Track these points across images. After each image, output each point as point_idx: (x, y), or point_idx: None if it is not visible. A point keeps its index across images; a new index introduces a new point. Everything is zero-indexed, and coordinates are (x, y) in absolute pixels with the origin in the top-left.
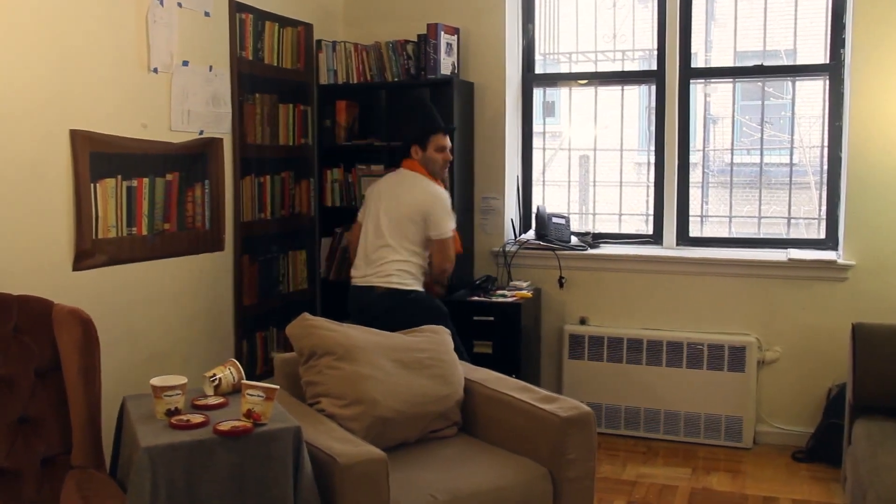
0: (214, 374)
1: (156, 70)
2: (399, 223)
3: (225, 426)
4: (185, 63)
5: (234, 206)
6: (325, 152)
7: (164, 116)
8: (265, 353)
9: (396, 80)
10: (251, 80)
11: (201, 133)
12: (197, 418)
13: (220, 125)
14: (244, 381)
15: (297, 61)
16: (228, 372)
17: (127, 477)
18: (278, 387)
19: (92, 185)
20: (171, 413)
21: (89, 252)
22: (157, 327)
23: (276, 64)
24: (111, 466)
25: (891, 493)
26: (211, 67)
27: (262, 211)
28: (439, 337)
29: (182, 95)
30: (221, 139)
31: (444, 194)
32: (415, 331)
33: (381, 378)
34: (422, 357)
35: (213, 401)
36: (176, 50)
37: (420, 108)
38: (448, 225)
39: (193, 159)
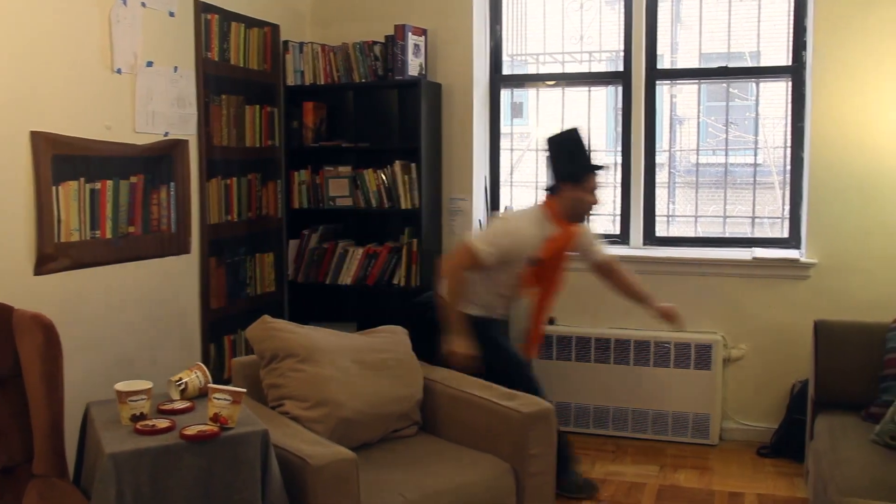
0: (181, 379)
1: (119, 71)
2: None
3: (191, 430)
4: (150, 64)
5: (200, 209)
6: (292, 154)
7: (129, 118)
8: (233, 356)
9: (364, 81)
10: (217, 81)
11: (166, 135)
12: (163, 423)
13: (185, 127)
14: (211, 385)
15: (263, 62)
16: (195, 376)
17: (91, 485)
18: (245, 390)
19: (54, 187)
20: (136, 418)
21: (51, 256)
22: (122, 332)
23: (242, 65)
24: (74, 475)
25: (851, 485)
26: (176, 68)
27: (228, 213)
28: (398, 337)
29: (147, 96)
30: (187, 141)
31: (513, 224)
32: (374, 331)
33: (344, 379)
34: (383, 357)
35: (179, 405)
36: (140, 50)
37: (577, 143)
38: (476, 237)
39: (158, 161)
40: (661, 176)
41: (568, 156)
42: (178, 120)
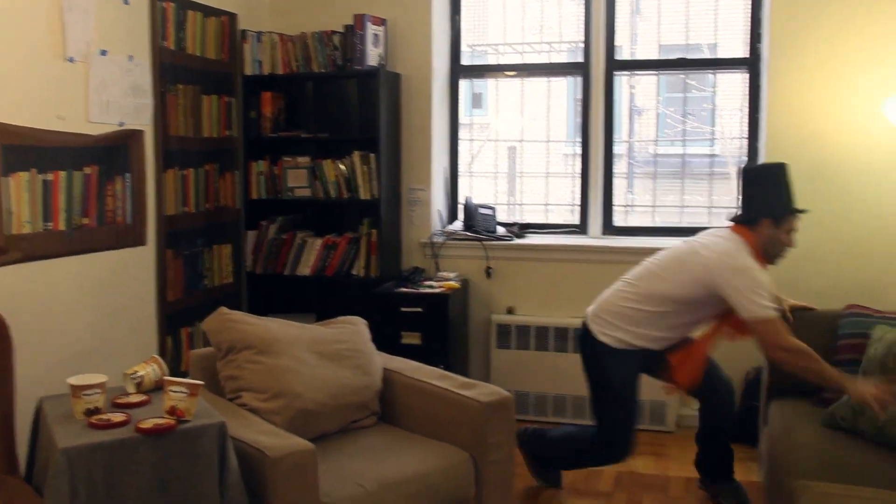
0: (136, 372)
1: (72, 59)
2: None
3: (147, 424)
4: (104, 52)
5: (156, 200)
6: (250, 144)
7: (82, 107)
8: (191, 348)
9: (323, 71)
10: (173, 71)
11: (121, 125)
12: (118, 417)
13: (140, 117)
14: (167, 378)
15: (221, 52)
16: (151, 369)
17: (44, 482)
18: (202, 382)
19: (4, 178)
20: (90, 413)
21: (2, 248)
22: (76, 325)
23: (199, 54)
24: (26, 472)
25: (803, 468)
26: (131, 57)
27: (185, 204)
28: (357, 328)
29: (100, 86)
30: (143, 131)
31: (756, 268)
32: (333, 322)
33: (302, 370)
34: (341, 348)
35: (135, 399)
36: (93, 38)
37: (784, 180)
38: (758, 305)
39: (113, 152)
40: (619, 166)
41: (774, 191)
42: (133, 110)
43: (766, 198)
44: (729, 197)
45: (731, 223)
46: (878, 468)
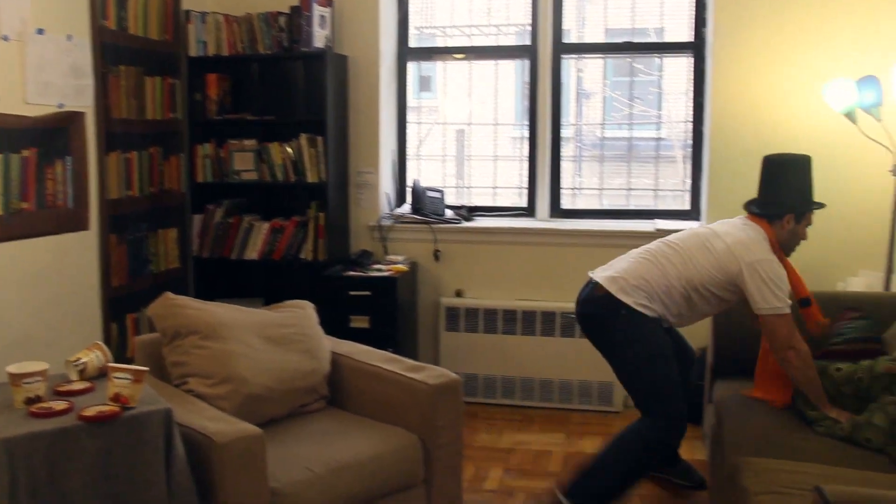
0: (79, 359)
1: (6, 38)
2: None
3: (90, 412)
4: (41, 31)
5: (98, 184)
6: (195, 127)
7: (18, 88)
8: (137, 335)
9: (269, 52)
10: (115, 51)
11: (61, 106)
12: (60, 405)
13: (81, 98)
14: (110, 364)
15: (164, 32)
16: (94, 356)
17: None
18: (146, 369)
19: None
20: (31, 401)
21: None
22: (16, 312)
23: (141, 34)
24: None
25: (747, 445)
26: (70, 36)
27: (129, 188)
28: (305, 312)
29: (38, 66)
30: (84, 113)
31: (776, 264)
32: (280, 306)
33: (250, 355)
34: (288, 332)
35: (77, 386)
36: (28, 16)
37: (806, 173)
38: (773, 301)
39: (53, 134)
40: (567, 149)
41: (799, 186)
42: (73, 91)
43: (791, 193)
44: (675, 180)
45: (750, 214)
46: (817, 445)
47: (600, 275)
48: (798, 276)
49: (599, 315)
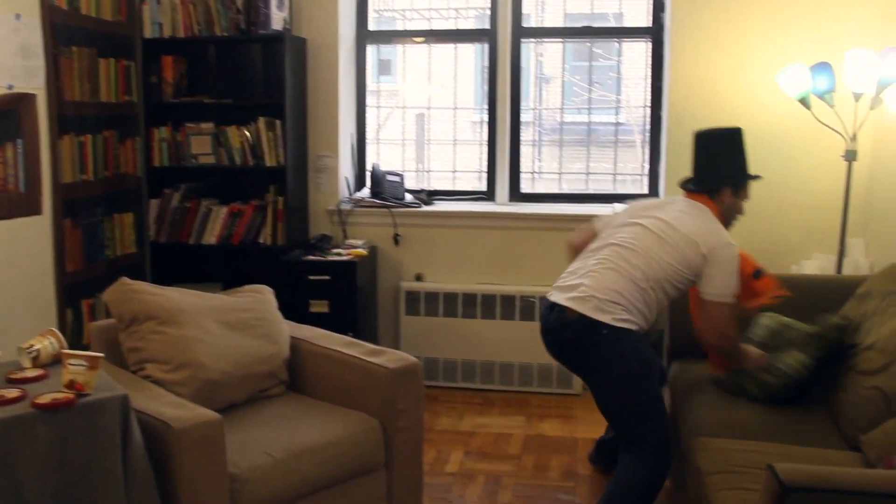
0: (32, 346)
1: None
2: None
3: (44, 399)
4: None
5: (51, 167)
6: (151, 110)
7: None
8: (93, 321)
9: (226, 34)
10: (67, 32)
11: (10, 88)
12: (12, 393)
13: (32, 80)
14: (65, 351)
15: (118, 13)
16: (48, 342)
17: None
18: (102, 355)
19: None
20: None
21: None
22: None
23: (94, 15)
24: None
25: (702, 425)
26: (18, 16)
27: (83, 172)
28: (264, 296)
29: None
30: (34, 95)
31: (733, 246)
32: (239, 291)
33: (208, 340)
34: (247, 317)
35: (31, 373)
36: None
37: (740, 144)
38: (722, 288)
39: (2, 116)
40: (527, 134)
41: (733, 158)
42: (22, 72)
43: (726, 165)
44: (634, 164)
45: (688, 192)
46: (771, 425)
47: (564, 297)
48: (742, 251)
49: (578, 340)
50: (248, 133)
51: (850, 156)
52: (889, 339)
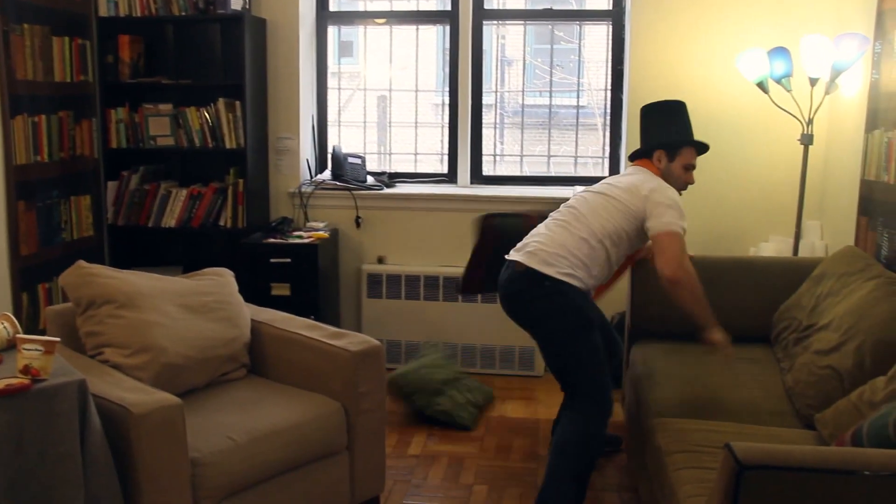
0: None
1: None
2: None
3: None
4: None
5: (4, 149)
6: (107, 90)
7: None
8: (50, 305)
9: (184, 14)
10: (17, 8)
11: None
12: None
13: None
14: (19, 336)
15: None
16: (2, 327)
17: None
18: (58, 339)
19: None
20: None
21: None
22: None
23: None
24: None
25: (662, 406)
26: None
27: (38, 153)
28: (224, 279)
29: None
30: None
31: (673, 191)
32: (199, 274)
33: (167, 324)
34: (207, 300)
35: None
36: None
37: (677, 113)
38: (670, 218)
39: None
40: (489, 116)
41: (666, 123)
42: None
43: (658, 130)
44: (595, 147)
45: (631, 160)
46: (728, 405)
47: (516, 254)
48: None
49: (522, 291)
50: (207, 114)
51: (807, 140)
52: (843, 319)
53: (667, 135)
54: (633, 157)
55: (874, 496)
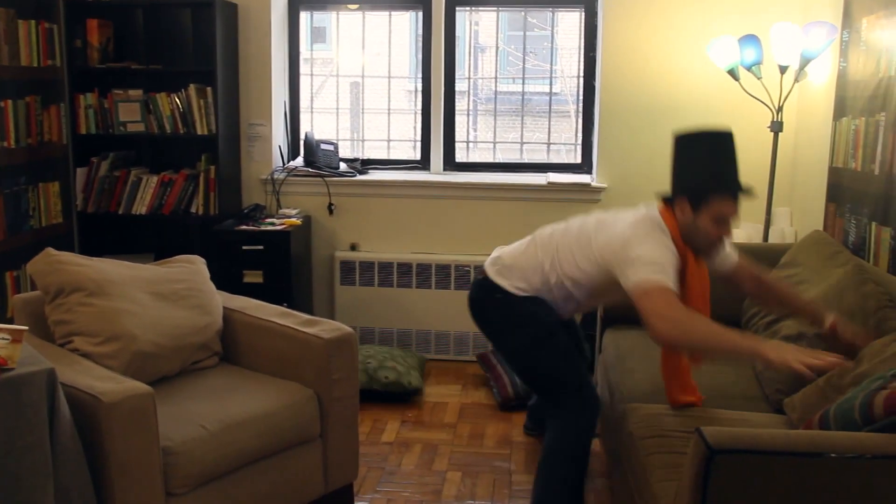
0: None
1: None
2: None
3: None
4: None
5: None
6: (76, 75)
7: None
8: (18, 293)
9: None
10: None
11: None
12: None
13: None
14: None
15: None
16: None
17: None
18: (26, 328)
19: None
20: None
21: None
22: None
23: None
24: None
25: (634, 392)
26: None
27: (4, 139)
28: (196, 266)
29: None
30: None
31: (663, 246)
32: (170, 261)
33: (138, 312)
34: (178, 288)
35: None
36: None
37: (710, 150)
38: (652, 274)
39: None
40: (462, 103)
41: (695, 163)
42: None
43: (684, 171)
44: (568, 134)
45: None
46: (701, 389)
47: (486, 261)
48: (693, 277)
49: (479, 299)
50: (178, 100)
51: (776, 127)
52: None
53: (698, 177)
54: (664, 199)
55: (841, 477)
